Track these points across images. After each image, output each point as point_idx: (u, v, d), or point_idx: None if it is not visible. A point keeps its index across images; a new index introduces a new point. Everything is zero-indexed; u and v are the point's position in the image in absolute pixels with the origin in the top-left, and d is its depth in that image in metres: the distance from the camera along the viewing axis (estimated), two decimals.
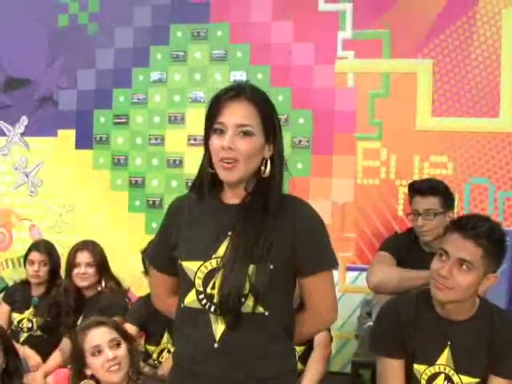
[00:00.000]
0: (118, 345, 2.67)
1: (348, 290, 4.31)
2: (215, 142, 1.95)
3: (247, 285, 1.88)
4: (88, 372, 2.79)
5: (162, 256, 2.12)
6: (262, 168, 1.99)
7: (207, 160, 2.01)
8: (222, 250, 1.94)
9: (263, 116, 1.97)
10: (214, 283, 1.92)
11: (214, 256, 1.94)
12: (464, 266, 2.38)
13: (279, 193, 2.00)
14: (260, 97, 2.00)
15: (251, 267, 1.89)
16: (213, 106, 1.99)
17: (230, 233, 1.95)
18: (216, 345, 1.92)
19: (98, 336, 2.71)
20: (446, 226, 2.59)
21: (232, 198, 2.02)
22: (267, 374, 1.94)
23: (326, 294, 2.04)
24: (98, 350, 2.70)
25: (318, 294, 2.02)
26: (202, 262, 1.95)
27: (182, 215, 2.07)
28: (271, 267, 1.90)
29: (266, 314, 1.92)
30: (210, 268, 1.94)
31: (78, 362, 2.82)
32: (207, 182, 2.02)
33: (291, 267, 1.97)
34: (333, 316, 2.10)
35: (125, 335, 2.76)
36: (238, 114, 1.94)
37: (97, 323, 2.72)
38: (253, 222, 1.94)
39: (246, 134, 1.93)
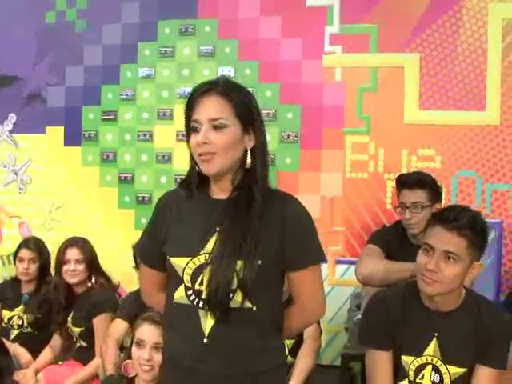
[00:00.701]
0: (161, 350, 2.67)
1: (337, 283, 4.34)
2: (192, 140, 1.98)
3: (235, 280, 1.89)
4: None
5: (152, 252, 2.12)
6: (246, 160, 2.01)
7: (192, 158, 2.03)
8: (210, 246, 1.94)
9: (237, 107, 1.97)
10: (203, 279, 1.92)
11: (202, 252, 1.94)
12: (450, 259, 2.40)
13: (264, 184, 2.00)
14: (233, 89, 2.01)
15: (239, 263, 1.89)
16: (188, 103, 2.02)
17: (218, 228, 1.95)
18: (205, 340, 1.92)
19: (147, 333, 2.72)
20: (428, 219, 2.59)
21: (219, 192, 2.02)
22: (257, 369, 1.95)
23: (314, 288, 2.05)
24: (141, 344, 2.73)
25: (306, 288, 2.02)
26: (190, 258, 1.95)
27: (170, 211, 2.07)
28: (259, 263, 1.90)
29: (254, 309, 1.93)
30: (198, 264, 1.94)
31: (131, 342, 2.85)
32: (195, 180, 2.04)
33: (279, 263, 1.97)
34: (321, 310, 2.10)
35: None
36: (208, 108, 1.96)
37: (154, 321, 2.72)
38: (240, 218, 1.94)
39: (220, 126, 1.95)
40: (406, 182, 3.37)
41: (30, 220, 5.14)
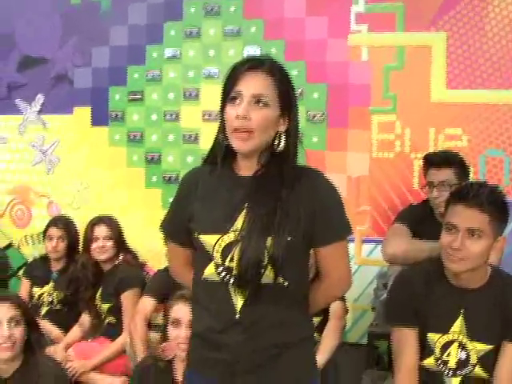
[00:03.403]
0: None
1: (364, 263, 4.34)
2: (230, 111, 1.95)
3: (265, 256, 1.90)
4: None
5: (177, 229, 2.13)
6: (276, 142, 1.99)
7: (222, 131, 2.01)
8: (239, 223, 1.95)
9: (280, 89, 1.97)
10: (233, 256, 1.94)
11: (231, 229, 1.95)
12: (475, 235, 2.41)
13: (293, 166, 2.01)
14: (279, 71, 2.00)
15: (269, 239, 1.90)
16: (230, 76, 1.99)
17: (246, 205, 1.96)
18: (237, 316, 1.94)
19: (182, 311, 2.76)
20: (447, 198, 2.59)
21: (246, 170, 2.02)
22: (285, 340, 1.97)
23: (341, 262, 2.06)
24: (177, 323, 2.77)
25: (332, 263, 2.03)
26: (220, 236, 1.96)
27: (195, 187, 2.08)
28: (289, 239, 1.91)
29: (285, 284, 1.94)
30: (228, 241, 1.95)
31: (165, 324, 2.93)
32: (221, 153, 2.03)
33: (308, 238, 1.98)
34: (347, 284, 2.12)
35: None
36: (255, 84, 1.94)
37: (187, 299, 2.76)
38: (269, 194, 1.94)
39: (262, 104, 1.93)
40: (433, 160, 3.36)
41: (58, 199, 5.20)
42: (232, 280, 1.94)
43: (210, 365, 2.01)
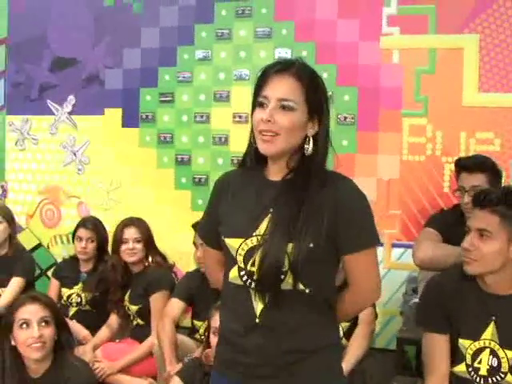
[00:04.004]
0: None
1: (393, 267, 4.31)
2: (256, 115, 1.96)
3: (286, 262, 1.89)
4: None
5: (211, 232, 2.13)
6: (306, 146, 1.97)
7: (252, 134, 2.01)
8: (262, 228, 1.94)
9: (308, 93, 1.95)
10: (254, 260, 1.93)
11: (254, 233, 1.95)
12: (484, 236, 2.43)
13: (322, 170, 1.99)
14: (308, 74, 1.97)
15: (290, 245, 1.89)
16: (259, 79, 1.99)
17: (271, 210, 1.95)
18: (257, 320, 1.94)
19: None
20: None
21: (275, 174, 2.01)
22: (308, 348, 1.96)
23: (369, 271, 2.02)
24: (217, 332, 2.80)
25: (360, 271, 2.00)
26: (243, 240, 1.96)
27: (227, 190, 2.08)
28: (310, 245, 1.89)
29: (307, 291, 1.93)
30: (250, 245, 1.95)
31: (207, 332, 3.07)
32: (251, 155, 2.03)
33: (332, 245, 1.95)
34: (375, 294, 2.08)
35: None
36: (281, 87, 1.93)
37: None
38: (293, 200, 1.93)
39: (287, 108, 1.92)
40: (465, 165, 3.33)
41: (88, 200, 5.23)
42: (253, 284, 1.94)
43: (230, 367, 2.03)
